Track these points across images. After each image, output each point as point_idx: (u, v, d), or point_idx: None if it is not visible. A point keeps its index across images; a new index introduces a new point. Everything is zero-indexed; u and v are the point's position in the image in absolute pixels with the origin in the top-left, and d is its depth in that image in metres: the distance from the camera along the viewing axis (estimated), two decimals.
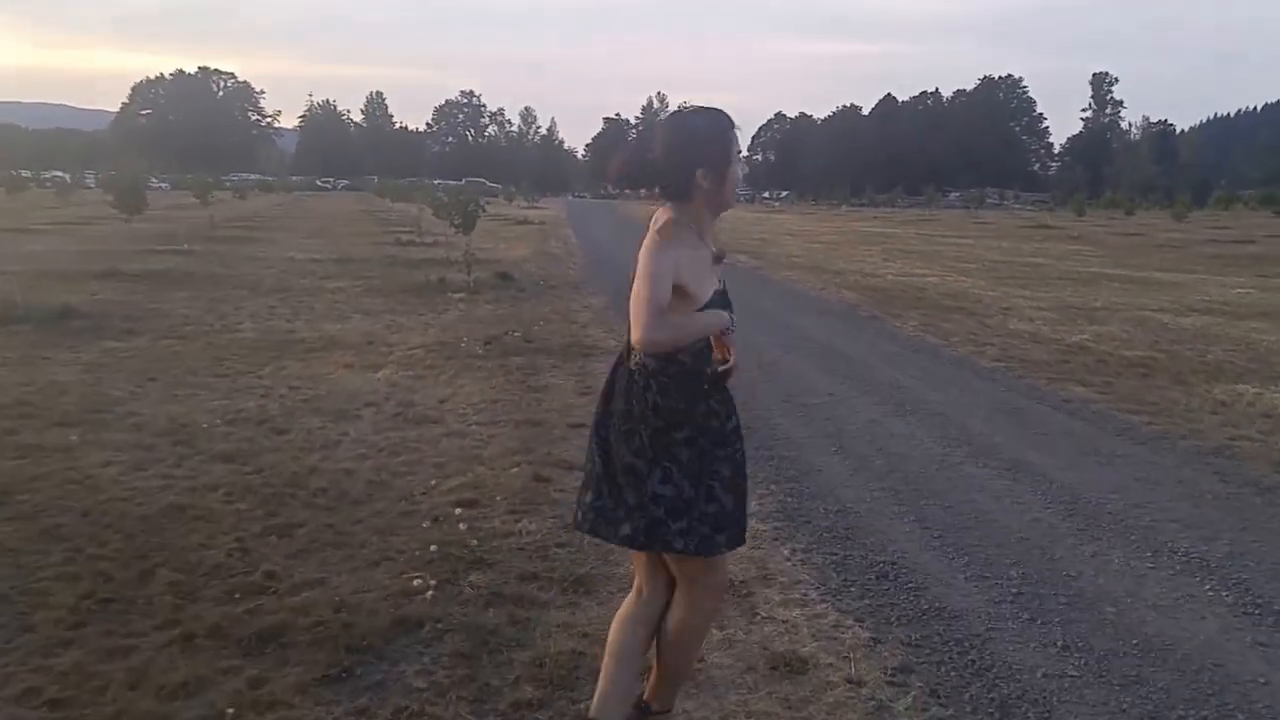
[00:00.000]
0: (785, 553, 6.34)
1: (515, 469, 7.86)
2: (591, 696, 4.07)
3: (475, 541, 6.29)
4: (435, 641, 4.98)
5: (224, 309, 16.57)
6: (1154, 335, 15.61)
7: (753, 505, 6.81)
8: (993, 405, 10.65)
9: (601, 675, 4.00)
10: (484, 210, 23.51)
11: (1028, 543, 6.52)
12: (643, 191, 3.77)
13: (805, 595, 5.69)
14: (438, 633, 5.07)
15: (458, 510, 6.85)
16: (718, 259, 3.82)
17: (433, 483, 7.51)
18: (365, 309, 17.12)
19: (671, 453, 3.63)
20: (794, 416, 10.00)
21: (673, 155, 3.63)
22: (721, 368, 3.76)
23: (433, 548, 6.15)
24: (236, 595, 5.45)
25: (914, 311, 18.43)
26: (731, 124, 3.70)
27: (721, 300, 3.73)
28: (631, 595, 4.05)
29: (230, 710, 4.31)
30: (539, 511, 6.89)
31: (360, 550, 6.15)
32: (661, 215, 3.68)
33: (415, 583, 5.63)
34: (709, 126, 3.68)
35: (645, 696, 4.10)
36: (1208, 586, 5.88)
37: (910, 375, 12.27)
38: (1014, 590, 5.77)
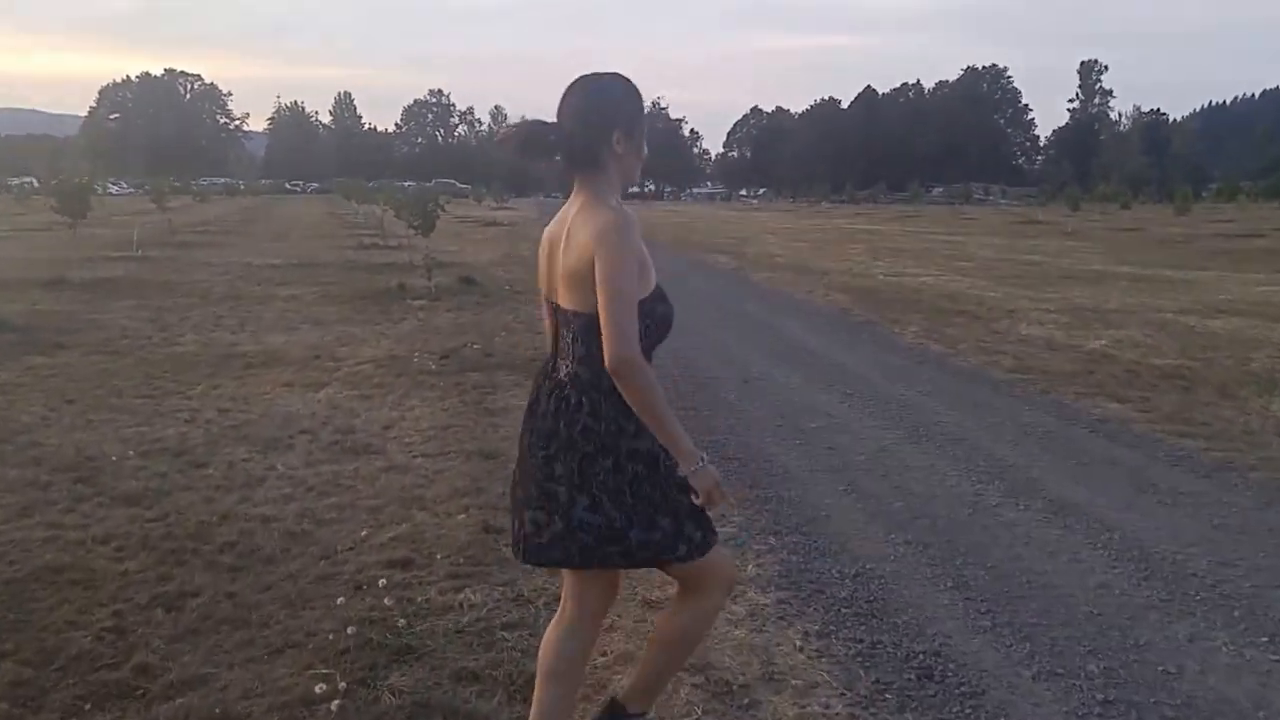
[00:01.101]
0: (795, 639, 4.97)
1: (462, 515, 6.58)
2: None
3: (403, 621, 5.00)
4: None
5: (168, 319, 15.54)
6: (1181, 340, 14.28)
7: (749, 569, 5.69)
8: (1019, 427, 9.33)
9: (535, 699, 3.67)
10: (443, 210, 22.21)
11: (1101, 621, 5.13)
12: (543, 166, 3.48)
13: (827, 707, 4.36)
14: None
15: (384, 579, 5.51)
16: None
17: (363, 534, 6.25)
18: (317, 318, 15.99)
19: (600, 480, 3.28)
20: (790, 444, 8.68)
21: (586, 116, 3.34)
22: (697, 501, 3.32)
23: (350, 630, 4.87)
24: (88, 703, 4.25)
25: (914, 315, 17.12)
26: (640, 94, 3.47)
27: (660, 295, 3.37)
28: (561, 611, 3.70)
29: None
30: (485, 576, 5.61)
31: (262, 631, 4.92)
32: (582, 194, 3.37)
33: (319, 688, 4.33)
34: (623, 86, 3.44)
35: (620, 697, 3.83)
36: None
37: (918, 390, 10.97)
38: (1099, 697, 4.40)
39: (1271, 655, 4.80)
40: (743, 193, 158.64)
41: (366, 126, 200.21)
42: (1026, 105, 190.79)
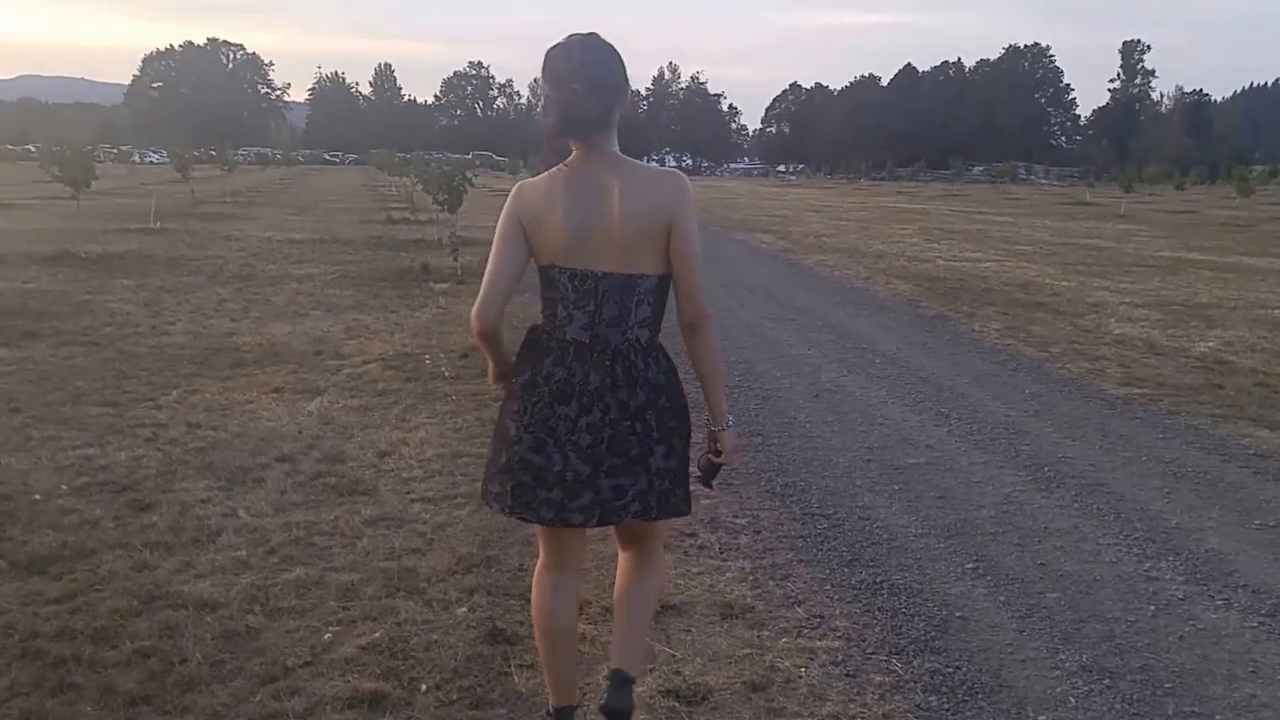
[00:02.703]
0: None
1: (462, 609, 4.93)
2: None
3: None
4: None
5: (164, 302, 14.31)
6: None
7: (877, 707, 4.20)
8: (1162, 466, 7.56)
9: (547, 666, 3.77)
10: (472, 184, 21.01)
11: None
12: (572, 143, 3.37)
13: None
14: None
15: None
16: None
17: (326, 636, 4.63)
18: (329, 303, 14.62)
19: (671, 427, 3.46)
20: (887, 491, 6.92)
21: (602, 79, 3.33)
22: (717, 459, 3.55)
23: None
24: None
25: (989, 309, 15.48)
26: None
27: None
28: (560, 575, 3.69)
29: None
30: None
31: None
32: (603, 154, 3.38)
33: None
34: (616, 52, 3.40)
35: (620, 667, 3.73)
36: None
37: (1023, 410, 9.26)
38: None
39: None
40: (780, 169, 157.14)
41: (406, 98, 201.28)
42: (1068, 85, 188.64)
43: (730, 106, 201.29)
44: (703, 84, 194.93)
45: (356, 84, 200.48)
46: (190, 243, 22.85)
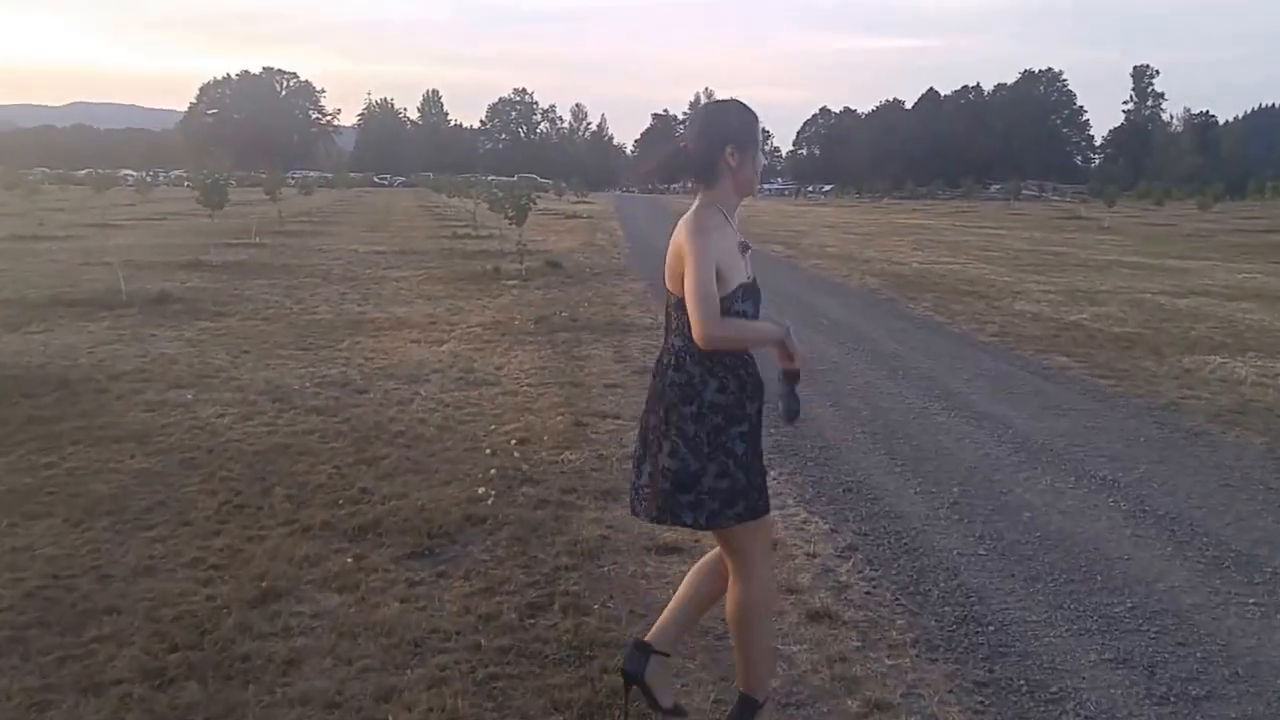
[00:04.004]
0: None
1: (559, 417, 9.43)
2: (608, 567, 5.75)
3: (527, 466, 7.84)
4: (495, 531, 6.49)
5: (300, 294, 18.16)
6: (1145, 314, 16.97)
7: None
8: (978, 371, 12.14)
9: (666, 608, 4.33)
10: (535, 204, 24.93)
11: (976, 471, 8.05)
12: (675, 186, 4.40)
13: None
14: (497, 525, 6.58)
15: (513, 445, 8.43)
16: (744, 248, 3.93)
17: (492, 427, 9.05)
18: (427, 294, 18.61)
19: (680, 426, 3.81)
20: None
21: (705, 136, 3.84)
22: (788, 367, 3.96)
23: (493, 471, 7.68)
24: (339, 503, 6.96)
25: (928, 295, 19.93)
26: (758, 117, 3.94)
27: (750, 292, 3.88)
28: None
29: (349, 561, 5.90)
30: (578, 447, 8.44)
31: (435, 474, 7.67)
32: (696, 202, 3.87)
33: (480, 492, 7.17)
34: (738, 109, 3.93)
35: (740, 687, 4.19)
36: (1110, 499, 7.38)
37: (909, 348, 13.76)
38: (950, 500, 7.28)
39: (1073, 488, 7.67)
40: (810, 189, 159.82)
41: (452, 123, 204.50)
42: (1081, 107, 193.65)
43: (764, 130, 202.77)
44: None
45: (405, 109, 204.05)
46: (291, 254, 26.63)
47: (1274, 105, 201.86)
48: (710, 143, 3.81)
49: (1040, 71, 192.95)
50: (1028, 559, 6.20)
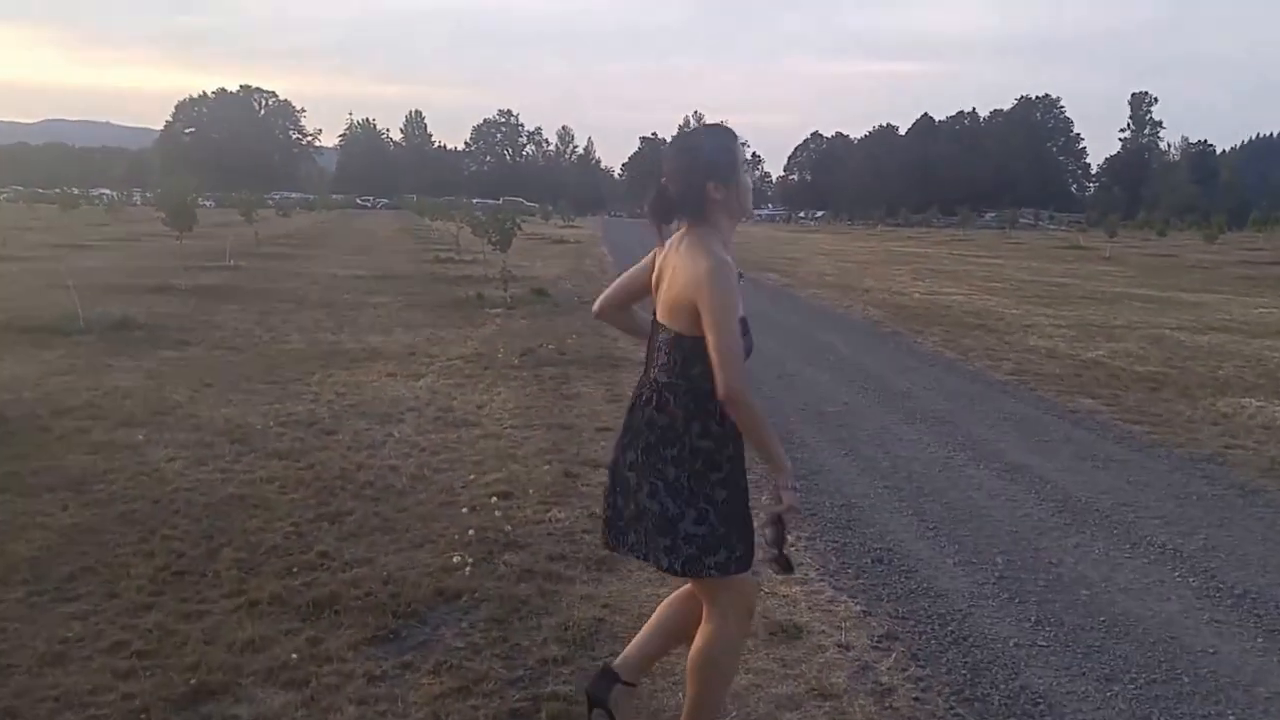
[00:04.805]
0: None
1: (546, 466, 8.49)
2: (604, 659, 4.70)
3: (509, 527, 6.91)
4: (472, 609, 5.58)
5: (272, 321, 17.32)
6: (1167, 351, 16.13)
7: None
8: (1001, 415, 11.23)
9: (635, 636, 4.26)
10: (520, 229, 24.27)
11: (1016, 535, 7.10)
12: (673, 225, 3.82)
13: None
14: (474, 602, 5.68)
15: (494, 500, 7.48)
16: (739, 277, 3.69)
17: (471, 477, 8.13)
18: (406, 323, 17.83)
19: (659, 468, 3.70)
20: (814, 425, 10.67)
21: (683, 176, 3.71)
22: (777, 510, 3.65)
23: (470, 532, 6.76)
24: (294, 570, 6.06)
25: (936, 328, 19.04)
26: (735, 136, 3.80)
27: (746, 326, 3.66)
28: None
29: (294, 657, 4.95)
30: (568, 503, 7.52)
31: (405, 534, 6.77)
32: (688, 236, 3.73)
33: (455, 560, 6.25)
34: (710, 139, 3.81)
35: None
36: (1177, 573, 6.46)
37: (922, 387, 12.88)
38: (996, 574, 6.35)
39: (1130, 558, 6.75)
40: (801, 215, 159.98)
41: (436, 145, 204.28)
42: (1078, 134, 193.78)
43: (754, 154, 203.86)
44: None
45: (387, 130, 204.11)
46: (267, 278, 25.81)
47: (1272, 135, 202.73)
48: (689, 184, 3.70)
49: (1037, 98, 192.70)
50: (1096, 651, 5.31)
